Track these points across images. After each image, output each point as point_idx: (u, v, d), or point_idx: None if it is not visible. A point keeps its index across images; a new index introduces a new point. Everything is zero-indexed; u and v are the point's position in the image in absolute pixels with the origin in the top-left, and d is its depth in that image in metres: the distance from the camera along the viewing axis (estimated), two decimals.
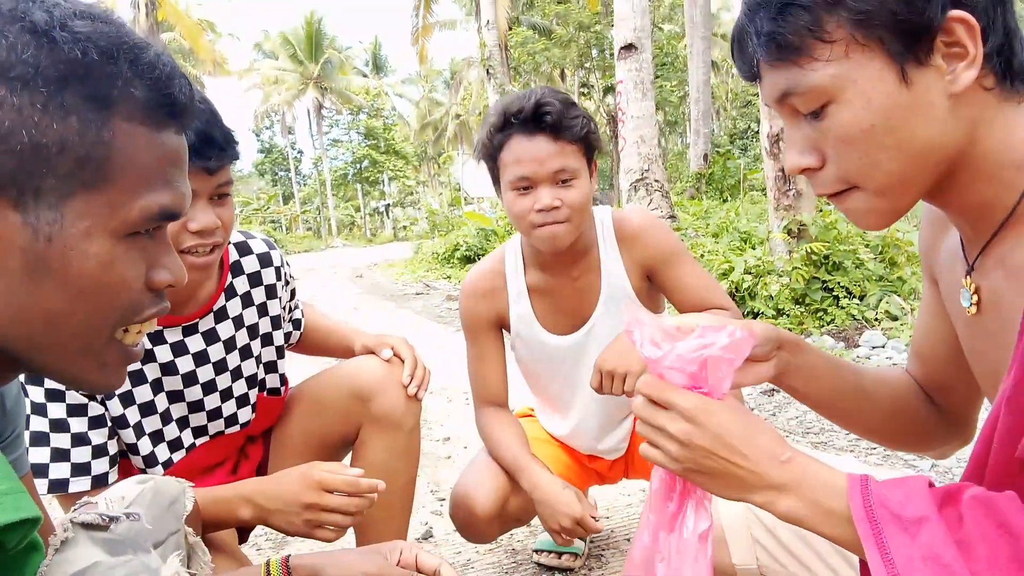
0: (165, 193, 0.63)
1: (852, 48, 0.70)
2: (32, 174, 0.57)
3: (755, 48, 0.76)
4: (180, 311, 1.34)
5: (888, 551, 0.65)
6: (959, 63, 0.70)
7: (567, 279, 1.65)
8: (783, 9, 0.72)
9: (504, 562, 1.99)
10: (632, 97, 7.88)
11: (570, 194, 1.48)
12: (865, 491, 0.69)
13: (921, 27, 0.68)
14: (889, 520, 0.66)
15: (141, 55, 0.61)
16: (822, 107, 0.73)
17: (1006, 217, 0.73)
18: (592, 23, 17.52)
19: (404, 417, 1.48)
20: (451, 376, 4.31)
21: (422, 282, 11.08)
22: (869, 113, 0.71)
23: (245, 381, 1.45)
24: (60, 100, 0.57)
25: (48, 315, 0.60)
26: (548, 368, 1.75)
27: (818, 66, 0.71)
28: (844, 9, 0.70)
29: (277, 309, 1.50)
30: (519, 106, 1.46)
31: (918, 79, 0.70)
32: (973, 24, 0.68)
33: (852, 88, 0.71)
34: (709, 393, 0.77)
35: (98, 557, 0.76)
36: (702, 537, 0.81)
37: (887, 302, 4.73)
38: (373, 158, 45.16)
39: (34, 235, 0.58)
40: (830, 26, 0.70)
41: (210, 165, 1.19)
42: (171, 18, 23.31)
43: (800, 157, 0.77)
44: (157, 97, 0.62)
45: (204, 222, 1.21)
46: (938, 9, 0.68)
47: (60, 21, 0.57)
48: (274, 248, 1.51)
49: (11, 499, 0.53)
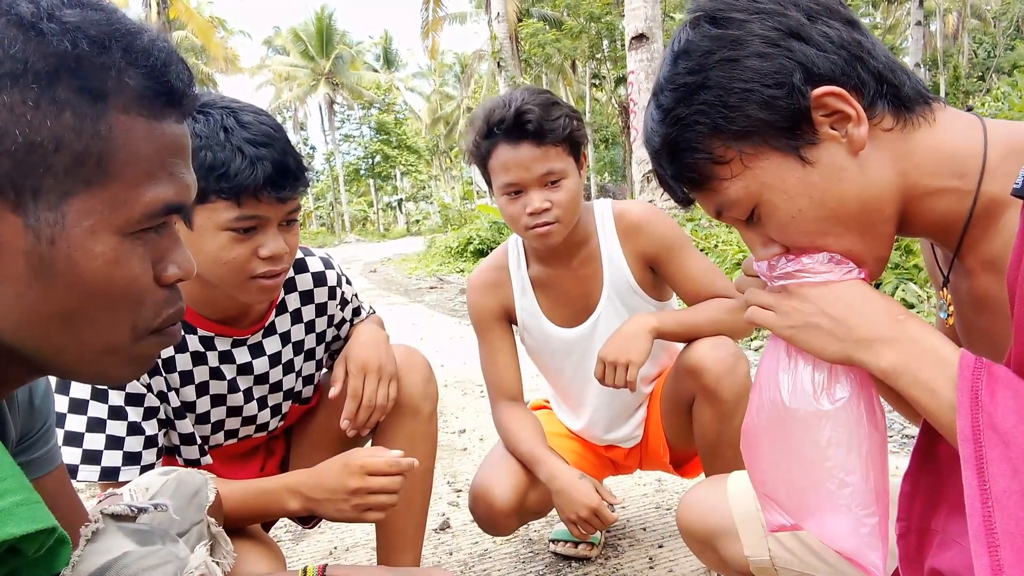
0: (169, 186, 0.61)
1: (747, 159, 0.76)
2: (29, 175, 0.54)
3: (674, 185, 0.84)
4: (234, 325, 1.36)
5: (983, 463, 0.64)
6: (848, 125, 0.74)
7: (568, 270, 1.67)
8: (675, 154, 0.80)
9: (521, 552, 2.00)
10: (644, 88, 7.86)
11: (559, 195, 1.50)
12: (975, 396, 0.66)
13: (793, 118, 0.74)
14: (994, 439, 0.64)
15: (135, 42, 0.58)
16: (753, 212, 0.79)
17: (967, 220, 0.75)
18: (603, 13, 17.44)
19: (422, 402, 1.49)
20: (466, 369, 4.33)
21: (435, 276, 11.11)
22: (791, 202, 0.76)
23: (283, 393, 1.47)
24: (52, 95, 0.54)
25: (60, 317, 0.58)
26: (557, 361, 1.76)
27: (727, 184, 0.78)
28: (722, 134, 0.76)
29: (324, 326, 1.51)
30: (500, 116, 1.47)
31: (818, 156, 0.75)
32: (839, 91, 0.73)
33: (766, 190, 0.77)
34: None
35: (128, 547, 0.77)
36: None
37: (903, 290, 4.69)
38: (385, 153, 45.25)
39: (36, 238, 0.55)
40: (719, 151, 0.77)
41: (284, 195, 1.19)
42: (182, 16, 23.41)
43: (765, 251, 0.82)
44: (154, 85, 0.59)
45: (274, 249, 1.21)
46: (799, 97, 0.73)
47: (47, 11, 0.54)
48: (331, 267, 1.50)
49: (27, 510, 0.51)
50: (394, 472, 1.26)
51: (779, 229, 0.79)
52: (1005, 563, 0.60)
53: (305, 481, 1.27)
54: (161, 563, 0.77)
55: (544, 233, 1.51)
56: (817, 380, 0.80)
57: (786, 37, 0.74)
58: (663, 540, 1.98)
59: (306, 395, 1.54)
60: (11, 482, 0.52)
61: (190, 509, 0.94)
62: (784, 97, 0.73)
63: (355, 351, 1.43)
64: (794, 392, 0.81)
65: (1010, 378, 0.66)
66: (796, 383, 0.82)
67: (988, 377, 0.66)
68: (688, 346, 1.56)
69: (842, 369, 0.79)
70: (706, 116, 0.76)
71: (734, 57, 0.75)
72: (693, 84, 0.77)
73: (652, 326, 1.52)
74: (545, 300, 1.71)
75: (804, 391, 0.81)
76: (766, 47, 0.74)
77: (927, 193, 0.76)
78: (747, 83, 0.74)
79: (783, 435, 0.83)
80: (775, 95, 0.73)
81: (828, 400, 0.79)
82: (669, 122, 0.79)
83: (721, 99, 0.75)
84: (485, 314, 1.74)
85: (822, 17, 0.75)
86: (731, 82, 0.75)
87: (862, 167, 0.75)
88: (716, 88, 0.75)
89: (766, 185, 0.76)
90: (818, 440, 0.80)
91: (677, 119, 0.78)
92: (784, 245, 0.81)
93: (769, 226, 0.79)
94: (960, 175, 0.75)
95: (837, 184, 0.75)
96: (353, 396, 1.39)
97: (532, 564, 1.93)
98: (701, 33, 0.77)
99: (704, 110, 0.76)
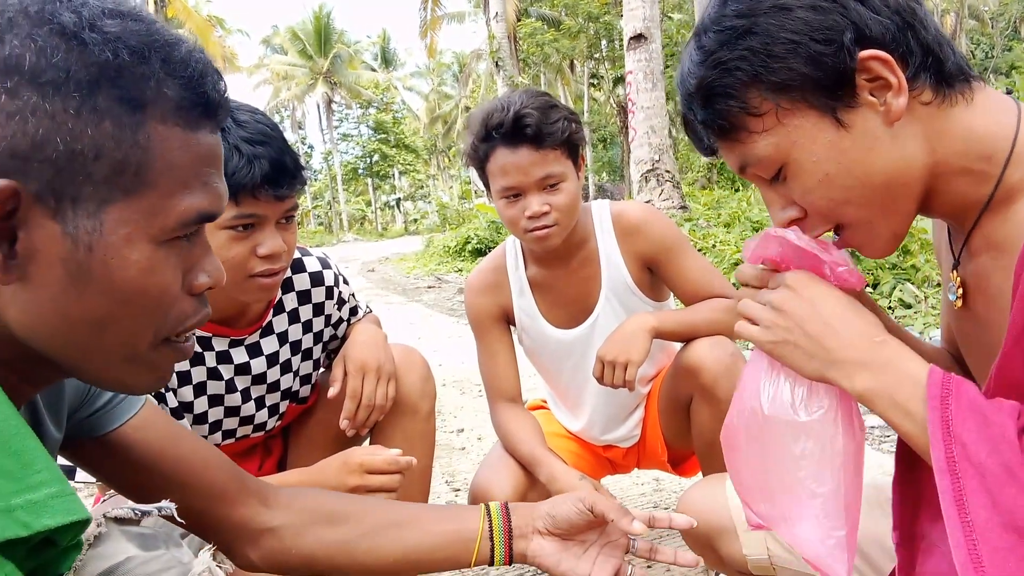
0: (203, 196, 0.61)
1: (782, 114, 0.75)
2: (69, 182, 0.55)
3: (702, 131, 0.81)
4: (231, 325, 1.36)
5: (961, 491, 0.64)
6: (887, 93, 0.73)
7: (566, 271, 1.67)
8: (709, 99, 0.78)
9: None
10: (642, 88, 7.87)
11: (558, 198, 1.50)
12: (946, 426, 0.66)
13: (836, 78, 0.72)
14: (970, 471, 0.64)
15: (173, 53, 0.59)
16: (779, 171, 0.77)
17: (985, 204, 0.75)
18: (601, 13, 17.44)
19: (420, 401, 1.50)
20: (464, 368, 4.34)
21: (433, 275, 11.11)
22: (820, 165, 0.75)
23: (280, 393, 1.47)
24: (93, 104, 0.55)
25: (92, 323, 0.59)
26: (555, 362, 1.77)
27: (758, 138, 0.76)
28: (761, 84, 0.74)
29: (321, 326, 1.51)
30: (499, 120, 1.46)
31: (854, 120, 0.73)
32: (886, 58, 0.72)
33: (796, 149, 0.75)
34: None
35: (131, 552, 0.78)
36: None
37: (901, 290, 4.70)
38: (383, 152, 45.24)
39: (74, 245, 0.56)
40: (755, 102, 0.75)
41: (281, 193, 1.20)
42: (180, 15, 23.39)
43: (783, 213, 0.81)
44: (191, 96, 0.60)
45: (272, 247, 1.22)
46: (846, 57, 0.71)
47: (89, 21, 0.55)
48: (328, 267, 1.51)
49: (62, 501, 0.53)
50: (392, 470, 1.26)
51: (803, 192, 0.77)
52: None
53: (304, 479, 1.27)
54: (164, 568, 0.78)
55: (543, 236, 1.52)
56: (796, 392, 0.81)
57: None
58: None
59: (304, 395, 1.54)
60: (46, 474, 0.53)
61: None
62: (831, 54, 0.71)
63: (354, 351, 1.44)
64: (773, 401, 0.82)
65: (977, 401, 0.66)
66: (776, 392, 0.82)
67: (956, 403, 0.66)
68: (686, 346, 1.57)
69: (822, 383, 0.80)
70: (748, 63, 0.74)
71: (787, 5, 0.72)
72: (740, 28, 0.74)
73: (651, 325, 1.53)
74: (543, 301, 1.71)
75: (783, 401, 0.81)
76: (821, 0, 0.72)
77: (953, 172, 0.75)
78: (796, 34, 0.72)
79: (760, 441, 0.84)
80: (822, 51, 0.71)
81: (805, 412, 0.80)
82: (709, 64, 0.76)
83: (767, 47, 0.73)
84: (483, 315, 1.74)
85: None
86: (780, 31, 0.72)
87: (895, 139, 0.74)
88: (763, 35, 0.73)
89: (796, 144, 0.75)
90: (793, 450, 0.80)
91: (718, 62, 0.76)
92: (804, 209, 0.79)
93: (793, 187, 0.78)
94: (987, 158, 0.74)
95: (867, 153, 0.74)
96: (352, 396, 1.39)
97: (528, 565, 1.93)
98: None
99: (747, 56, 0.74)
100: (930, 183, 0.76)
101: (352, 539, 0.95)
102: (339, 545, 0.94)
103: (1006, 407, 0.65)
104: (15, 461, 0.52)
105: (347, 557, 0.95)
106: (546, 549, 0.97)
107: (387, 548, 0.95)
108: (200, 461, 0.89)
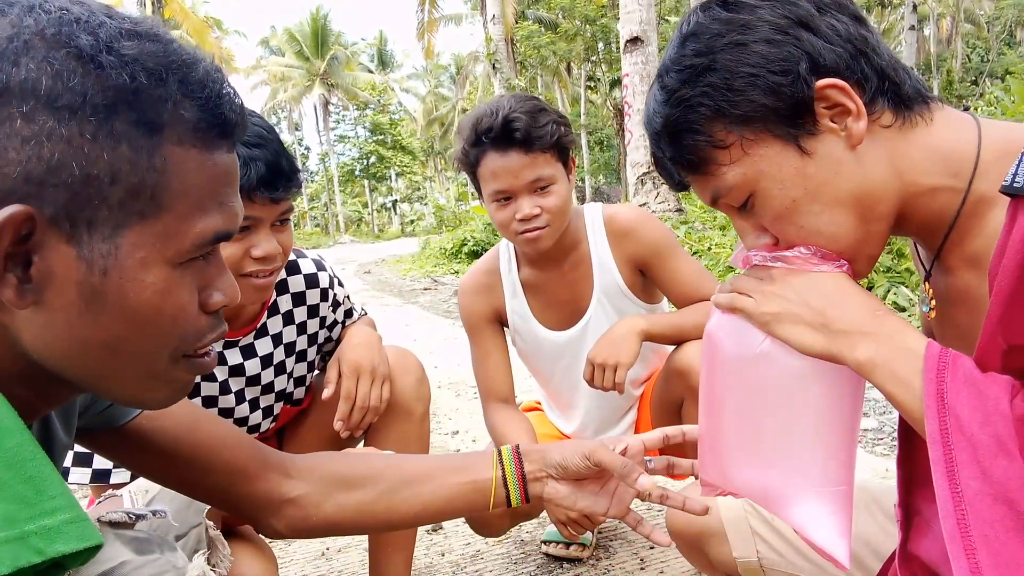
0: (219, 216, 0.61)
1: (747, 145, 0.77)
2: (84, 207, 0.54)
3: (671, 168, 0.84)
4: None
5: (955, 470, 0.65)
6: (847, 119, 0.75)
7: (558, 273, 1.68)
8: (675, 135, 0.81)
9: (513, 553, 2.02)
10: (638, 90, 7.89)
11: (548, 200, 1.52)
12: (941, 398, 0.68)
13: (796, 107, 0.75)
14: (962, 442, 0.66)
15: (191, 74, 0.58)
16: (748, 200, 0.80)
17: (955, 217, 0.77)
18: (598, 16, 17.48)
19: (415, 404, 1.50)
20: (459, 371, 4.34)
21: (429, 277, 11.11)
22: (786, 191, 0.77)
23: (275, 395, 1.48)
24: (110, 128, 0.54)
25: (107, 345, 0.59)
26: (547, 364, 1.78)
27: (726, 170, 0.79)
28: (725, 118, 0.77)
29: (316, 327, 1.52)
30: (488, 124, 1.48)
31: (816, 147, 0.76)
32: (842, 85, 0.74)
33: (763, 177, 0.77)
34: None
35: (125, 556, 0.78)
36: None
37: (895, 293, 4.72)
38: (380, 154, 45.21)
39: (89, 268, 0.56)
40: (720, 135, 0.78)
41: (277, 196, 1.21)
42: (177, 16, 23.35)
43: (756, 240, 0.83)
44: (208, 118, 0.59)
45: (267, 249, 1.23)
46: (803, 86, 0.74)
47: (106, 44, 0.55)
48: (323, 269, 1.51)
49: (77, 527, 0.53)
50: None
51: (772, 219, 0.79)
52: (983, 565, 0.61)
53: None
54: (159, 572, 0.78)
55: (534, 238, 1.53)
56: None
57: (795, 26, 0.75)
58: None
59: (298, 397, 1.54)
60: (60, 500, 0.53)
61: (189, 512, 0.96)
62: (788, 85, 0.74)
63: (348, 353, 1.44)
64: (772, 342, 0.80)
65: (973, 374, 0.67)
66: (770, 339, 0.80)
67: (952, 375, 0.68)
68: (677, 348, 1.58)
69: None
70: (710, 98, 0.77)
71: (743, 41, 0.76)
72: (700, 66, 0.77)
73: (641, 328, 1.54)
74: (536, 303, 1.73)
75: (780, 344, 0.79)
76: (775, 34, 0.75)
77: (921, 192, 0.77)
78: (753, 68, 0.75)
79: (755, 391, 0.82)
80: (780, 82, 0.74)
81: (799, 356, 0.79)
82: (672, 103, 0.79)
83: (727, 82, 0.76)
84: (476, 317, 1.75)
85: (831, 10, 0.77)
86: (738, 66, 0.75)
87: (859, 162, 0.76)
88: (722, 71, 0.76)
89: (763, 173, 0.77)
90: (793, 397, 0.80)
91: (680, 100, 0.79)
92: (775, 236, 0.81)
93: (763, 215, 0.80)
94: (953, 174, 0.76)
95: (833, 177, 0.76)
96: (346, 397, 1.40)
97: (524, 565, 1.94)
98: (712, 16, 0.78)
99: (709, 92, 0.77)
100: (901, 206, 0.78)
101: (370, 500, 0.98)
102: (358, 507, 0.97)
103: (1001, 381, 0.66)
104: (30, 487, 0.52)
105: (368, 517, 0.98)
106: (561, 492, 1.01)
107: (405, 505, 0.99)
108: (219, 442, 0.90)
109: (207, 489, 0.90)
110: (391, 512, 0.98)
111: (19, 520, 0.50)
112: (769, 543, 1.12)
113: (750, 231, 0.83)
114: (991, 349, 0.67)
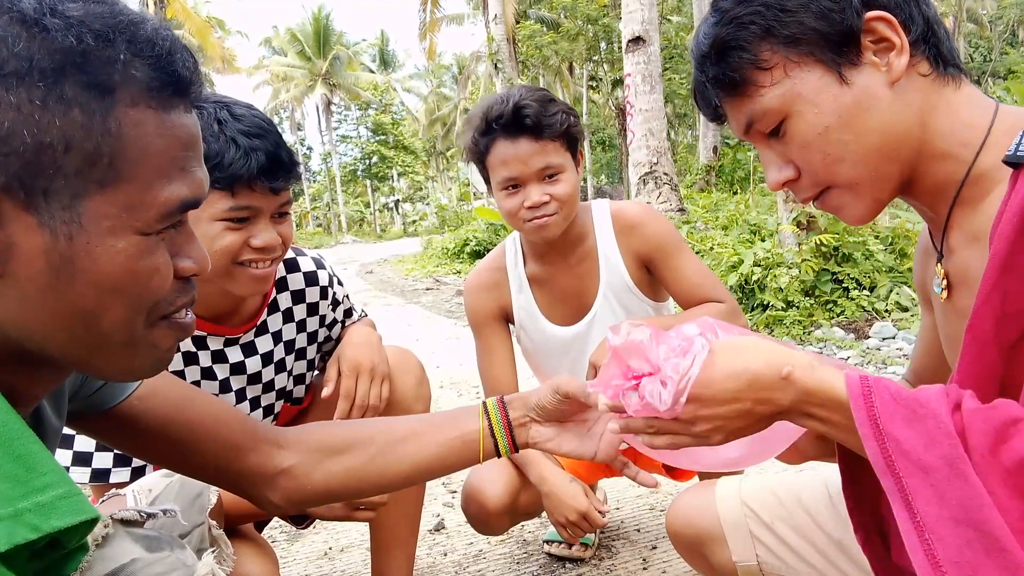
0: (182, 184, 0.60)
1: (790, 68, 0.80)
2: (39, 175, 0.53)
3: (711, 93, 0.86)
4: (226, 323, 1.37)
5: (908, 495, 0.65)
6: (890, 54, 0.78)
7: (565, 267, 1.68)
8: (722, 54, 0.83)
9: (516, 553, 2.02)
10: (640, 90, 7.88)
11: (557, 188, 1.52)
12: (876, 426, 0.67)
13: (844, 34, 0.78)
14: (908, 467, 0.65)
15: (138, 32, 0.57)
16: (780, 124, 0.82)
17: (958, 190, 0.79)
18: (600, 16, 17.46)
19: (415, 403, 1.51)
20: (462, 370, 4.35)
21: (432, 277, 11.12)
22: (820, 118, 0.80)
23: (275, 393, 1.48)
24: (59, 93, 0.53)
25: (83, 314, 0.58)
26: (553, 359, 1.78)
27: (766, 91, 0.81)
28: (773, 38, 0.80)
29: (315, 326, 1.52)
30: (499, 111, 1.49)
31: (856, 77, 0.79)
32: (891, 19, 0.78)
33: (800, 101, 0.80)
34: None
35: (136, 554, 0.78)
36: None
37: (897, 293, 4.72)
38: (382, 154, 45.24)
39: (53, 236, 0.54)
40: (765, 55, 0.81)
41: (277, 186, 1.21)
42: (180, 16, 23.36)
43: (778, 172, 0.85)
44: (160, 76, 0.57)
45: (267, 240, 1.23)
46: (854, 15, 0.77)
47: (50, 6, 0.53)
48: (323, 267, 1.52)
49: (70, 502, 0.52)
50: None
51: (801, 146, 0.82)
52: None
53: None
54: (169, 570, 0.78)
55: (542, 225, 1.53)
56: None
57: None
58: (657, 541, 2.00)
59: (298, 395, 1.55)
60: (52, 476, 0.53)
61: (192, 511, 0.96)
62: (840, 12, 0.77)
63: (348, 351, 1.45)
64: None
65: (901, 394, 0.67)
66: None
67: (879, 398, 0.68)
68: None
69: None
70: (762, 17, 0.80)
71: None
72: None
73: None
74: (542, 297, 1.72)
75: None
76: None
77: (935, 155, 0.80)
78: None
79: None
80: (832, 7, 0.78)
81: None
82: (724, 22, 0.82)
83: (780, 2, 0.79)
84: (482, 314, 1.75)
85: None
86: None
87: (892, 101, 0.79)
88: None
89: (801, 97, 0.80)
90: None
91: (733, 18, 0.82)
92: (797, 171, 0.84)
93: (792, 142, 0.82)
94: (965, 144, 0.79)
95: (866, 111, 0.79)
96: (346, 396, 1.40)
97: (526, 565, 1.94)
98: None
99: (761, 11, 0.80)
100: (915, 162, 0.81)
101: (360, 464, 0.98)
102: (349, 472, 0.98)
103: (932, 394, 0.66)
104: (20, 465, 0.52)
105: (360, 481, 0.99)
106: (545, 434, 1.02)
107: (396, 466, 0.99)
108: (211, 420, 0.90)
109: (201, 466, 0.90)
110: (382, 474, 0.99)
111: (12, 498, 0.50)
112: (769, 547, 1.11)
113: (775, 161, 0.86)
114: (985, 315, 0.68)
